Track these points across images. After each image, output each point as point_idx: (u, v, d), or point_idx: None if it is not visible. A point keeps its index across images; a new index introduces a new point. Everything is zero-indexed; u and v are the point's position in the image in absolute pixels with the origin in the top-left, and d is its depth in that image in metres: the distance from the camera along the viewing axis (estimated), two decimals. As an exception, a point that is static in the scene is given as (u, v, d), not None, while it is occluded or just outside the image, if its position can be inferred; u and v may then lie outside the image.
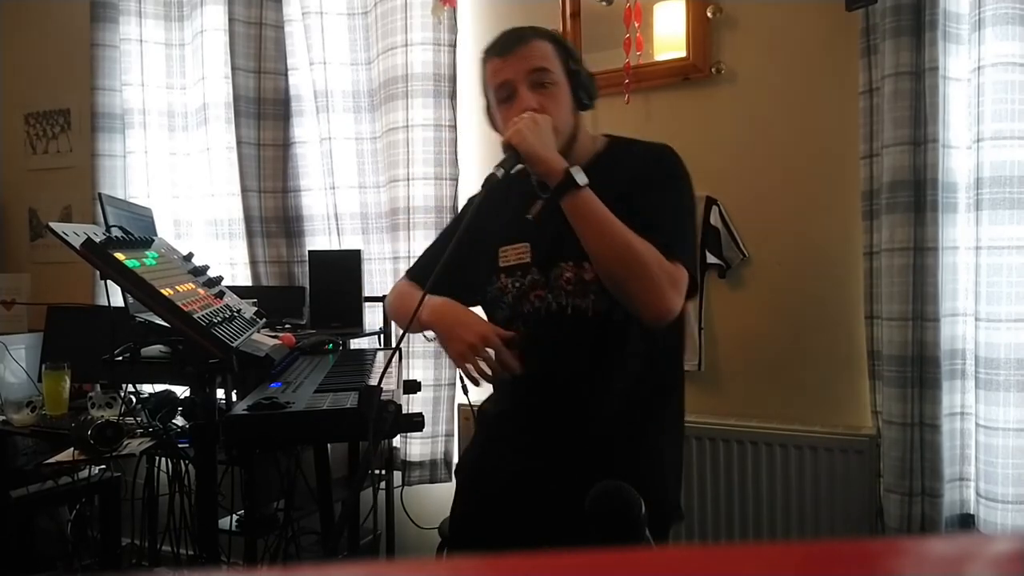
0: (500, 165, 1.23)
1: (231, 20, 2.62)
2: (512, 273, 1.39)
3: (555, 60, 1.34)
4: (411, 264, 1.67)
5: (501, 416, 1.48)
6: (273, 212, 2.67)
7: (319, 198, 2.64)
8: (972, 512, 1.86)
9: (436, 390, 2.43)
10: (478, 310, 1.44)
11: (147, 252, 1.40)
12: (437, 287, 1.26)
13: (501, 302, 1.41)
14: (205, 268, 1.59)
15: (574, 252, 1.29)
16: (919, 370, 1.81)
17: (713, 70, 2.15)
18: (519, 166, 1.26)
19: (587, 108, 1.38)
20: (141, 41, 2.86)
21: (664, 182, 1.33)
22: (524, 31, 1.37)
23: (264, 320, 1.58)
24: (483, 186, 1.25)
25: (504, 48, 1.35)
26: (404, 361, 2.40)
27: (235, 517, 2.33)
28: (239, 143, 2.63)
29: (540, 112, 1.29)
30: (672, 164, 1.36)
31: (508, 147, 1.24)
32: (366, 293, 2.44)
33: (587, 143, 1.42)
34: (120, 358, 1.46)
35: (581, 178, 1.21)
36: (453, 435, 2.47)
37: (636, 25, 2.20)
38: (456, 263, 1.21)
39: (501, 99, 1.36)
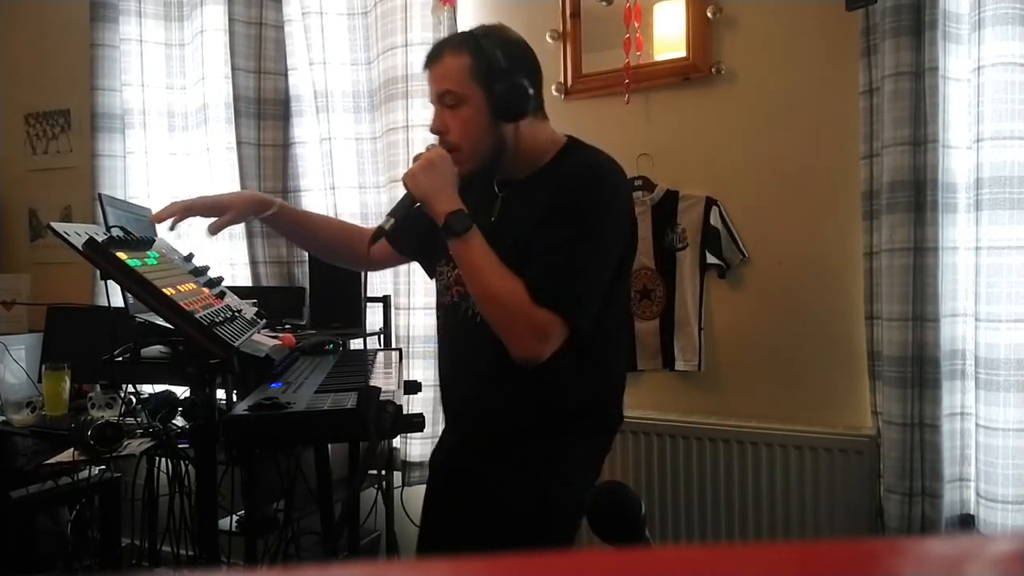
0: (391, 214, 1.30)
1: (231, 20, 2.62)
2: (448, 262, 1.40)
3: (467, 76, 1.29)
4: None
5: (445, 407, 1.58)
6: (273, 212, 2.67)
7: (319, 198, 2.64)
8: (972, 512, 1.86)
9: (436, 390, 2.42)
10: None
11: (148, 252, 1.40)
12: (406, 244, 1.55)
13: (437, 286, 1.47)
14: (206, 268, 1.59)
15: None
16: (919, 370, 1.81)
17: (713, 70, 2.15)
18: (416, 206, 1.31)
19: (516, 120, 1.31)
20: (141, 41, 2.86)
21: (572, 213, 1.25)
22: (441, 46, 1.36)
23: (264, 321, 1.57)
24: (371, 239, 1.32)
25: (424, 65, 1.37)
26: (404, 361, 2.40)
27: (235, 517, 2.33)
28: (239, 143, 2.63)
29: (443, 131, 1.32)
30: (591, 192, 1.28)
31: (404, 184, 1.31)
32: (366, 293, 2.44)
33: (540, 149, 1.36)
34: (120, 358, 1.46)
35: (460, 226, 1.24)
36: (453, 435, 2.47)
37: (636, 25, 2.20)
38: (425, 230, 1.38)
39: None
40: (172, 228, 1.51)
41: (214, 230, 1.49)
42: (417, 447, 2.46)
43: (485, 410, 1.37)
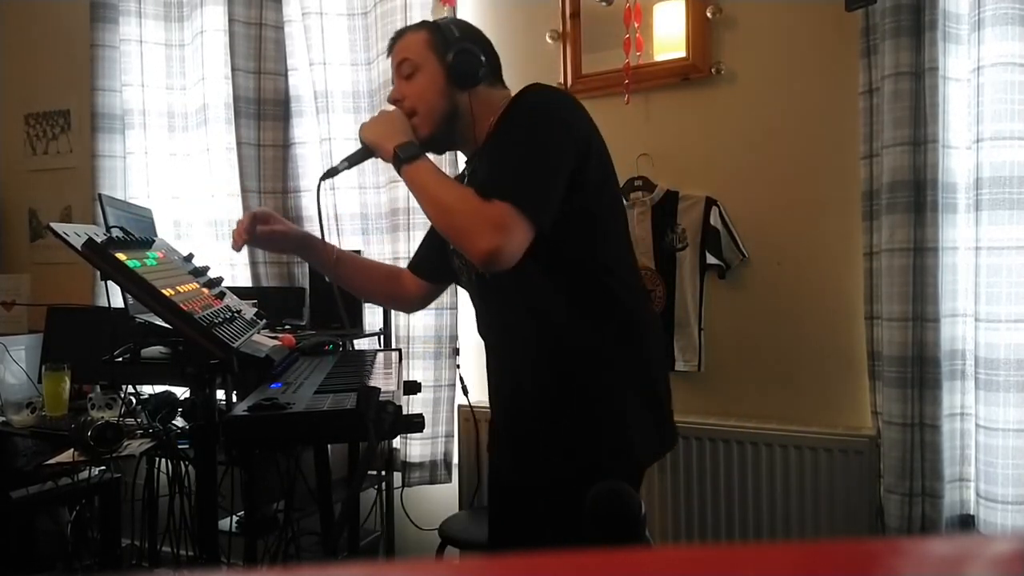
0: (345, 158, 1.42)
1: (231, 20, 2.62)
2: (460, 255, 1.40)
3: (424, 47, 1.38)
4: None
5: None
6: (273, 213, 2.67)
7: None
8: (972, 513, 1.86)
9: (436, 391, 2.43)
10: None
11: (148, 253, 1.40)
12: (434, 272, 1.59)
13: (463, 277, 1.47)
14: (205, 269, 1.60)
15: None
16: (919, 371, 1.81)
17: (713, 70, 2.15)
18: (371, 157, 1.41)
19: (469, 84, 1.36)
20: (141, 41, 2.86)
21: (507, 128, 1.29)
22: (402, 29, 1.45)
23: (264, 321, 1.57)
24: (321, 177, 1.44)
25: (388, 50, 1.45)
26: (404, 362, 2.40)
27: (235, 518, 2.33)
28: (239, 144, 2.63)
29: (400, 99, 1.40)
30: (523, 101, 1.30)
31: (360, 140, 1.40)
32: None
33: (493, 111, 1.37)
34: (120, 359, 1.46)
35: (406, 153, 1.30)
36: (453, 436, 2.47)
37: (636, 25, 2.20)
38: (443, 247, 1.47)
39: None
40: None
41: (239, 245, 1.53)
42: (417, 447, 2.46)
43: (530, 360, 1.34)
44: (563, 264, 1.29)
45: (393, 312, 2.50)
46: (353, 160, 1.43)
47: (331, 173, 1.44)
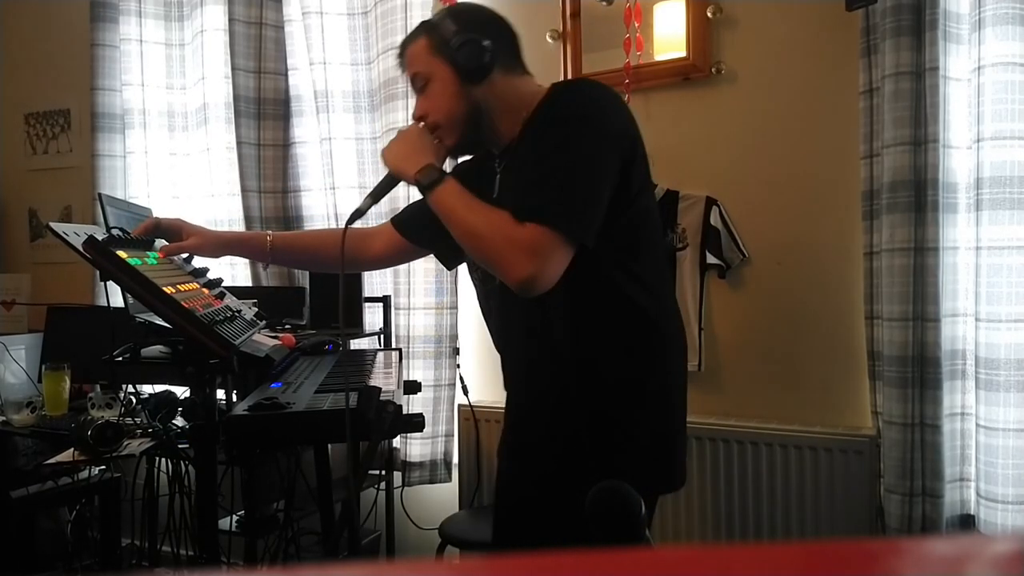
0: (370, 194, 1.35)
1: (231, 20, 2.62)
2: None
3: (427, 54, 1.31)
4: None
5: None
6: (273, 212, 2.67)
7: (319, 198, 2.64)
8: (972, 513, 1.86)
9: (436, 390, 2.43)
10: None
11: (148, 253, 1.41)
12: (421, 234, 1.52)
13: (474, 276, 1.43)
14: (205, 270, 1.60)
15: None
16: (919, 370, 1.81)
17: (713, 70, 2.15)
18: (396, 184, 1.35)
19: (481, 77, 1.27)
20: (141, 41, 2.86)
21: (546, 128, 1.21)
22: (404, 41, 1.38)
23: (264, 322, 1.57)
24: (348, 221, 1.34)
25: (399, 66, 1.41)
26: (404, 362, 2.40)
27: (235, 517, 2.33)
28: (239, 143, 2.63)
29: (423, 116, 1.33)
30: (563, 101, 1.24)
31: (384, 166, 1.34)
32: (366, 294, 2.44)
33: (523, 103, 1.29)
34: (120, 358, 1.46)
35: (427, 179, 1.24)
36: (453, 435, 2.47)
37: (636, 25, 2.20)
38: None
39: None
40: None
41: (166, 252, 1.48)
42: (417, 447, 2.46)
43: (544, 370, 1.30)
44: (595, 278, 1.21)
45: (393, 312, 2.50)
46: (378, 193, 1.36)
47: (357, 214, 1.33)
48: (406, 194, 2.40)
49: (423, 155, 1.27)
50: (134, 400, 1.98)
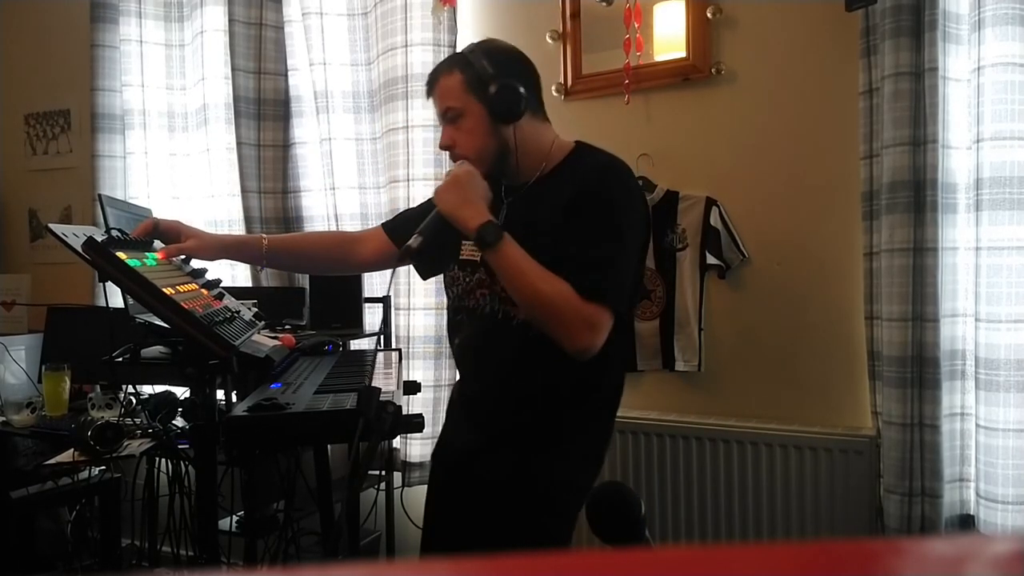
0: (420, 232, 1.31)
1: (231, 21, 2.62)
2: (464, 267, 1.46)
3: (462, 90, 1.38)
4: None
5: (453, 403, 1.62)
6: (273, 213, 2.67)
7: (319, 199, 2.64)
8: (972, 513, 1.86)
9: (436, 391, 2.43)
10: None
11: (147, 253, 1.41)
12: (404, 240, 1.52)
13: (451, 290, 1.50)
14: (204, 270, 1.60)
15: None
16: (919, 371, 1.81)
17: (713, 70, 2.15)
18: (449, 228, 1.34)
19: (512, 120, 1.36)
20: (141, 42, 2.86)
21: (599, 208, 1.32)
22: (436, 71, 1.44)
23: (264, 322, 1.58)
24: (399, 258, 1.38)
25: (426, 94, 1.46)
26: (404, 362, 2.40)
27: (235, 518, 2.33)
28: (239, 144, 2.63)
29: (451, 145, 1.40)
30: (613, 186, 1.35)
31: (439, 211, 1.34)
32: (366, 294, 2.44)
33: (544, 150, 1.43)
34: (120, 359, 1.46)
35: (491, 237, 1.28)
36: (453, 436, 2.47)
37: (636, 25, 2.20)
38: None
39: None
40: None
41: (167, 253, 1.49)
42: (417, 447, 2.46)
43: (512, 397, 1.42)
44: None
45: (393, 312, 2.50)
46: (429, 232, 1.32)
47: (408, 252, 1.31)
48: (405, 195, 2.41)
49: (480, 206, 1.32)
50: (134, 400, 1.98)
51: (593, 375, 1.40)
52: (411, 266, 2.37)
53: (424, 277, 1.74)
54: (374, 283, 2.53)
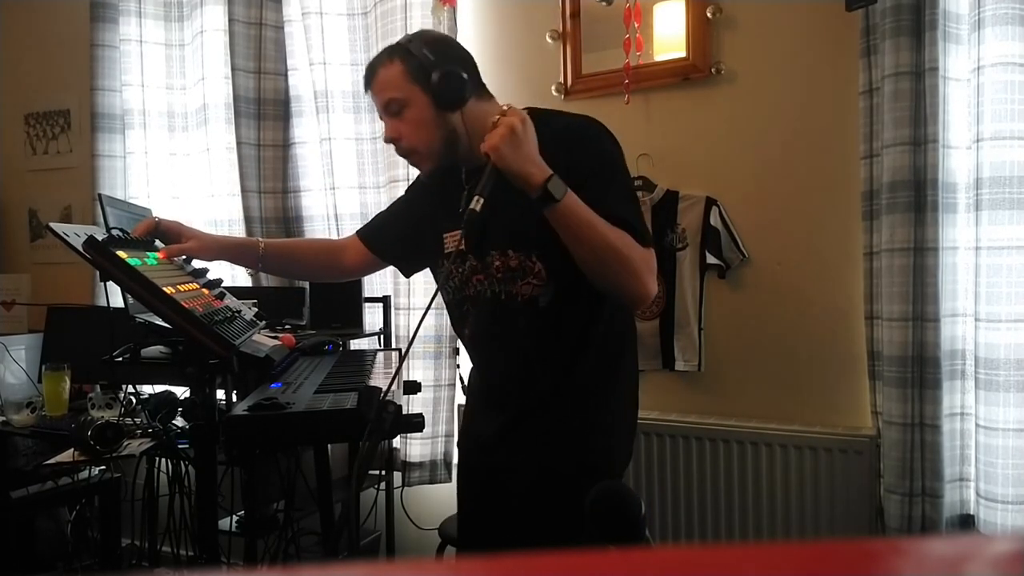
0: (480, 193, 1.18)
1: (231, 20, 2.62)
2: (453, 260, 1.42)
3: (404, 80, 1.34)
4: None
5: (472, 394, 1.62)
6: (273, 212, 2.67)
7: (319, 198, 2.64)
8: (972, 512, 1.86)
9: (436, 390, 2.43)
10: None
11: (148, 253, 1.41)
12: (387, 249, 1.60)
13: (447, 285, 1.47)
14: (205, 270, 1.60)
15: (499, 241, 1.37)
16: (919, 370, 1.81)
17: (713, 70, 2.15)
18: (502, 181, 1.22)
19: (459, 106, 1.32)
20: (141, 41, 2.86)
21: (605, 167, 1.34)
22: (374, 63, 1.40)
23: (264, 322, 1.58)
24: (465, 226, 1.18)
25: (364, 87, 1.43)
26: (405, 362, 2.39)
27: (235, 518, 2.33)
28: (239, 143, 2.63)
29: (397, 138, 1.37)
30: (603, 143, 1.37)
31: (486, 156, 1.21)
32: (366, 294, 2.44)
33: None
34: (120, 358, 1.46)
35: (559, 191, 1.20)
36: (453, 435, 2.47)
37: (636, 25, 2.20)
38: (406, 233, 1.53)
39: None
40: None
41: (168, 253, 1.48)
42: (417, 447, 2.46)
43: (532, 373, 1.41)
44: (585, 288, 1.33)
45: (393, 312, 2.50)
46: (489, 192, 1.19)
47: (472, 217, 1.16)
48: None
49: (540, 160, 1.23)
50: (134, 400, 1.99)
51: (611, 341, 1.42)
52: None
53: (407, 274, 1.72)
54: (374, 283, 2.53)
